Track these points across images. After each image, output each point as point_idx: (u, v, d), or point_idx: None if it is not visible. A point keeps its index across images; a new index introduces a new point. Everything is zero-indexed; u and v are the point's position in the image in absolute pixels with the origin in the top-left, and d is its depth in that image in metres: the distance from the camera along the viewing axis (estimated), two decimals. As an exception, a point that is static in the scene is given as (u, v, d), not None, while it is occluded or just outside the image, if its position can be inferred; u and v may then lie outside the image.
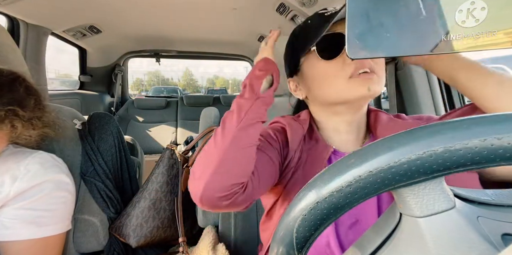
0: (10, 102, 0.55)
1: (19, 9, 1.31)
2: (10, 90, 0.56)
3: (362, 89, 0.46)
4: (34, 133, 0.61)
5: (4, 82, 0.56)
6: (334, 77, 0.47)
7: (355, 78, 0.46)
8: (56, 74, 4.58)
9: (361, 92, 0.46)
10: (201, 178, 0.41)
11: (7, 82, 0.57)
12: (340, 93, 0.48)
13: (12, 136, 0.59)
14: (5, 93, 0.55)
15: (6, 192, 0.58)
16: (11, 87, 0.57)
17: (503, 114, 0.19)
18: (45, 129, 0.63)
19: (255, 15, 1.65)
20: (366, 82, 0.45)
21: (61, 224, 0.66)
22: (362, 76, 0.45)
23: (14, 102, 0.55)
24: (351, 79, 0.46)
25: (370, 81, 0.46)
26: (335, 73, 0.47)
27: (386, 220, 0.25)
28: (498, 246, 0.20)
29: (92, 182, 0.77)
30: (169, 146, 0.90)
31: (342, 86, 0.47)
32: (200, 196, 0.41)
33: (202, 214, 0.84)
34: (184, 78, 51.69)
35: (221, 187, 0.40)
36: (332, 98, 0.50)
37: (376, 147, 0.21)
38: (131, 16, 1.73)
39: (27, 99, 0.59)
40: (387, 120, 0.53)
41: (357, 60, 0.45)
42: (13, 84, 0.58)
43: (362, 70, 0.45)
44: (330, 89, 0.49)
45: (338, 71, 0.47)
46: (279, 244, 0.24)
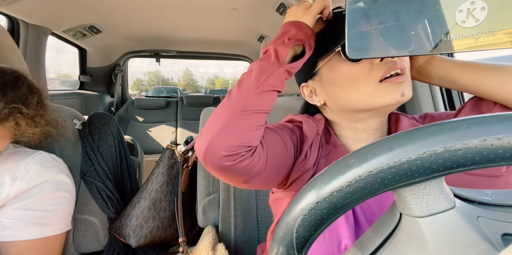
0: (14, 100, 0.55)
1: (19, 9, 1.31)
2: (14, 88, 0.57)
3: (395, 95, 0.41)
4: (37, 131, 0.61)
5: (7, 81, 0.57)
6: (362, 81, 0.42)
7: (387, 82, 0.41)
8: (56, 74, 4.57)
9: (394, 98, 0.41)
10: (208, 134, 0.39)
11: (10, 81, 0.57)
12: (370, 99, 0.42)
13: (15, 134, 0.59)
14: (9, 92, 0.55)
15: (6, 192, 0.58)
16: (14, 85, 0.58)
17: (503, 114, 0.19)
18: (48, 127, 0.63)
19: (255, 15, 1.65)
20: (400, 87, 0.41)
21: (61, 224, 0.66)
22: (394, 80, 0.41)
23: (17, 100, 0.56)
24: (382, 84, 0.41)
25: (403, 85, 0.41)
26: (363, 77, 0.42)
27: (386, 220, 0.25)
28: (498, 246, 0.20)
29: (92, 182, 0.77)
30: (169, 146, 0.90)
31: (371, 92, 0.42)
32: (204, 151, 0.39)
33: (202, 214, 0.84)
34: (184, 78, 51.68)
35: (226, 146, 0.38)
36: (359, 104, 0.44)
37: (376, 147, 0.21)
38: (131, 16, 1.73)
39: (30, 97, 0.59)
40: (408, 124, 0.49)
41: (387, 60, 0.41)
42: (16, 82, 0.58)
43: (393, 72, 0.41)
44: (357, 95, 0.43)
45: (366, 74, 0.42)
46: (279, 244, 0.24)
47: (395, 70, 0.41)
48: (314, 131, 0.48)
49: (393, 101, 0.41)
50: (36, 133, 0.61)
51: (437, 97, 0.97)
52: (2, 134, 0.56)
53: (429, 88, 0.97)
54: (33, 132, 0.60)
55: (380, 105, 0.42)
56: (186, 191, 0.90)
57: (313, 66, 0.48)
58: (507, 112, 0.19)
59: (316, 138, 0.48)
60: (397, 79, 0.40)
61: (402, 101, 0.42)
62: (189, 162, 0.90)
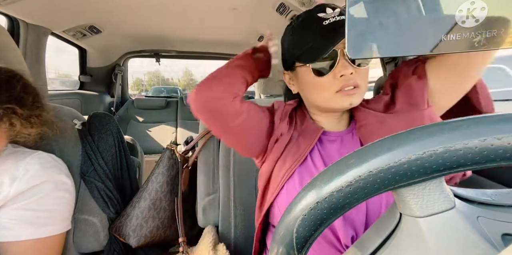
0: (8, 100, 0.55)
1: (19, 9, 1.30)
2: (8, 88, 0.57)
3: (344, 104, 0.53)
4: (32, 132, 0.61)
5: (1, 80, 0.56)
6: (324, 90, 0.53)
7: (341, 93, 0.52)
8: (56, 74, 4.57)
9: (344, 105, 0.53)
10: (200, 85, 0.56)
11: (4, 80, 0.57)
12: (326, 103, 0.55)
13: (10, 134, 0.59)
14: (3, 91, 0.55)
15: (6, 192, 0.57)
16: (8, 85, 0.57)
17: (503, 114, 0.19)
18: (44, 127, 0.63)
19: (255, 15, 1.65)
20: (349, 98, 0.52)
21: (61, 225, 0.66)
22: (346, 92, 0.52)
23: (12, 100, 0.55)
24: (337, 94, 0.52)
25: (352, 96, 0.52)
26: (325, 86, 0.53)
27: (386, 220, 0.25)
28: (498, 246, 0.20)
29: (92, 182, 0.77)
30: (169, 146, 0.90)
31: (328, 98, 0.53)
32: (196, 93, 0.55)
33: (202, 214, 0.84)
34: (184, 78, 51.62)
35: (214, 89, 0.55)
36: (320, 105, 0.57)
37: (376, 147, 0.21)
38: (131, 16, 1.73)
39: (25, 97, 0.59)
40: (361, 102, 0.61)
41: (345, 77, 0.51)
42: (10, 82, 0.58)
43: (347, 88, 0.51)
44: (318, 98, 0.56)
45: (328, 85, 0.53)
46: (279, 244, 0.24)
47: (349, 87, 0.51)
48: (281, 106, 0.63)
49: (342, 107, 0.54)
50: (31, 134, 0.61)
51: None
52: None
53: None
54: (28, 133, 0.60)
55: (333, 108, 0.55)
56: (186, 191, 0.90)
57: (293, 62, 0.58)
58: (507, 112, 0.19)
59: (285, 111, 0.62)
60: (347, 92, 0.52)
61: (350, 107, 0.54)
62: (189, 162, 0.90)
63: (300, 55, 0.54)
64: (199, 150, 0.88)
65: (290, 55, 0.58)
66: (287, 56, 0.60)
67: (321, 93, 0.54)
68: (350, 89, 0.51)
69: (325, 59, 0.51)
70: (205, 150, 0.87)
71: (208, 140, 0.88)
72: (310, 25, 0.53)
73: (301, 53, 0.54)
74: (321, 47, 0.49)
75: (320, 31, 0.51)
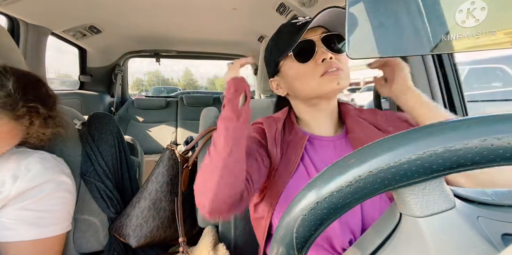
0: (34, 100, 0.59)
1: (19, 9, 1.30)
2: (35, 89, 0.61)
3: (332, 84, 0.54)
4: (47, 132, 0.64)
5: (29, 81, 0.61)
6: (309, 76, 0.55)
7: (326, 76, 0.54)
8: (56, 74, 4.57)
9: (332, 86, 0.54)
10: (205, 194, 0.46)
11: (32, 82, 0.62)
12: (315, 88, 0.56)
13: (27, 133, 0.62)
14: (31, 91, 0.59)
15: (7, 191, 0.58)
16: (35, 86, 0.62)
17: (503, 114, 0.19)
18: (58, 128, 0.67)
19: (255, 15, 1.65)
20: (336, 78, 0.54)
21: (62, 225, 0.66)
22: (331, 74, 0.53)
23: (37, 100, 0.60)
24: (323, 77, 0.54)
25: (338, 77, 0.54)
26: (309, 73, 0.55)
27: (386, 220, 0.25)
28: (498, 246, 0.20)
29: (92, 182, 0.77)
30: (169, 146, 0.90)
31: (315, 83, 0.55)
32: (209, 209, 0.47)
33: (202, 214, 0.84)
34: (184, 78, 51.64)
35: (225, 197, 0.46)
36: (308, 93, 0.57)
37: (376, 147, 0.21)
38: (131, 16, 1.73)
39: (48, 99, 0.64)
40: (353, 109, 0.64)
41: (326, 61, 0.53)
42: (37, 84, 0.63)
43: (330, 70, 0.53)
44: (306, 86, 0.57)
45: (311, 71, 0.55)
46: (279, 244, 0.24)
47: (332, 68, 0.53)
48: (273, 131, 0.61)
49: (331, 89, 0.54)
50: (46, 133, 0.64)
51: (437, 96, 0.97)
52: (15, 132, 0.58)
53: (429, 88, 0.97)
54: (43, 132, 0.63)
55: (323, 92, 0.56)
56: (186, 191, 0.90)
57: (276, 65, 0.61)
58: (507, 112, 0.19)
59: (277, 133, 0.60)
60: (333, 73, 0.53)
61: (340, 89, 0.55)
62: (189, 162, 0.90)
63: (281, 52, 0.58)
64: (199, 150, 0.88)
65: (272, 59, 0.61)
66: (270, 63, 0.63)
67: (308, 81, 0.56)
68: (333, 71, 0.53)
69: (304, 49, 0.55)
70: (205, 150, 0.87)
71: (208, 140, 0.88)
72: (285, 28, 0.59)
73: (281, 50, 0.58)
74: (297, 35, 0.53)
75: (295, 28, 0.56)
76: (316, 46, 0.54)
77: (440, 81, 0.97)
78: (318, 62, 0.54)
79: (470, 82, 3.09)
